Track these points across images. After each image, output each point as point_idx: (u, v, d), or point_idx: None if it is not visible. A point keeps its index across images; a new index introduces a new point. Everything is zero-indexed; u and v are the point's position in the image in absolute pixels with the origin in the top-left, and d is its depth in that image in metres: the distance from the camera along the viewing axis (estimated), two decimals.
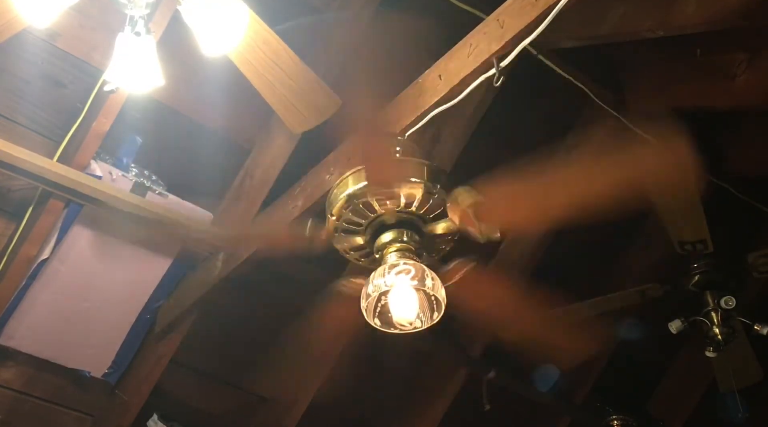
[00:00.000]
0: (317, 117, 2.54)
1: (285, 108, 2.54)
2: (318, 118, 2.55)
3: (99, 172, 2.93)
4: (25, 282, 3.09)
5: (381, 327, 2.10)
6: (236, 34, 2.24)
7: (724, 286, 3.33)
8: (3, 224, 3.09)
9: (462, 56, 2.29)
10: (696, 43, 3.08)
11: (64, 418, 3.45)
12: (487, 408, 3.97)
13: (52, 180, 2.87)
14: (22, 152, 2.81)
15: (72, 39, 2.87)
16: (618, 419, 4.20)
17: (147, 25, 2.27)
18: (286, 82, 2.43)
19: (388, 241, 2.13)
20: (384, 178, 2.09)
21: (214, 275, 3.14)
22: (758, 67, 2.97)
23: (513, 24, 2.14)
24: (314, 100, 2.49)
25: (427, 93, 2.39)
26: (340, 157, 2.63)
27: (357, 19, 3.04)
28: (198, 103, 3.13)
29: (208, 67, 2.77)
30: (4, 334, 3.17)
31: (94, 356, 3.34)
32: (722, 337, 3.25)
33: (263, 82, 2.43)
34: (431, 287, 2.03)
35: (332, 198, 2.16)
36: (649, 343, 3.99)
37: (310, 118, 2.55)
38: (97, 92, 2.87)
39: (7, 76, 2.87)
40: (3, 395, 3.31)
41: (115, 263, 3.19)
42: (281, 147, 3.17)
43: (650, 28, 2.70)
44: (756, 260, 3.24)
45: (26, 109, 2.95)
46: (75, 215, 3.03)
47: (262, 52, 2.34)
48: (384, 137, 2.25)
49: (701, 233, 3.11)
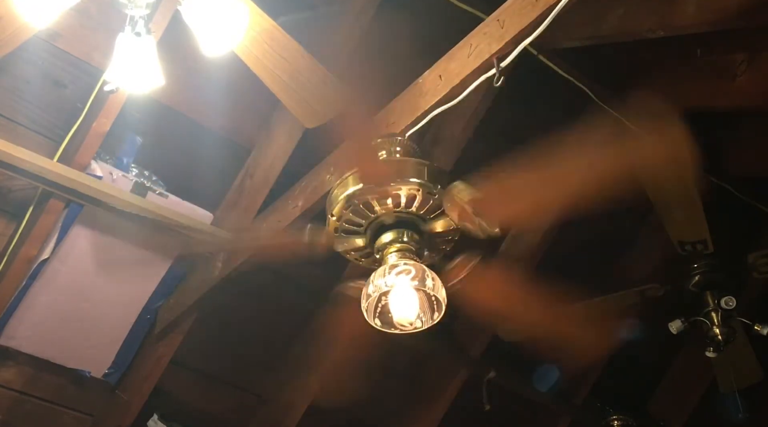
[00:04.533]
0: (329, 110, 2.52)
1: (296, 103, 2.52)
2: (330, 111, 2.52)
3: (99, 172, 2.93)
4: (25, 282, 3.09)
5: (381, 327, 2.10)
6: (236, 35, 2.23)
7: (724, 286, 3.32)
8: (3, 224, 3.09)
9: (462, 56, 2.29)
10: (696, 43, 3.08)
11: (64, 418, 3.45)
12: (487, 408, 3.97)
13: (52, 180, 2.86)
14: (22, 152, 2.81)
15: (72, 39, 2.87)
16: (618, 419, 4.20)
17: (147, 25, 2.27)
18: (295, 77, 2.41)
19: (388, 241, 2.13)
20: (377, 179, 2.08)
21: (214, 275, 3.14)
22: (758, 67, 2.97)
23: (513, 24, 2.14)
24: (325, 93, 2.47)
25: (427, 93, 2.39)
26: (340, 158, 2.63)
27: (357, 20, 3.04)
28: (198, 103, 3.13)
29: (208, 67, 2.77)
30: (5, 334, 3.17)
31: (95, 356, 3.34)
32: (722, 337, 3.25)
33: (272, 78, 2.41)
34: (431, 288, 2.03)
35: (332, 198, 2.16)
36: (649, 343, 3.99)
37: (322, 111, 2.52)
38: (97, 92, 2.87)
39: (7, 76, 2.87)
40: (3, 395, 3.31)
41: (116, 263, 3.19)
42: (281, 147, 3.17)
43: (650, 28, 2.70)
44: (756, 260, 3.24)
45: (26, 109, 2.95)
46: (75, 215, 3.03)
47: (269, 47, 2.32)
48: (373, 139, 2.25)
49: (701, 233, 3.11)
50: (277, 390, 3.79)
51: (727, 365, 3.57)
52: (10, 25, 2.25)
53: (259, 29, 2.27)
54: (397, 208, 2.11)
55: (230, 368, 3.72)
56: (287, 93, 2.47)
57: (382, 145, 2.26)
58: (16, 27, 2.27)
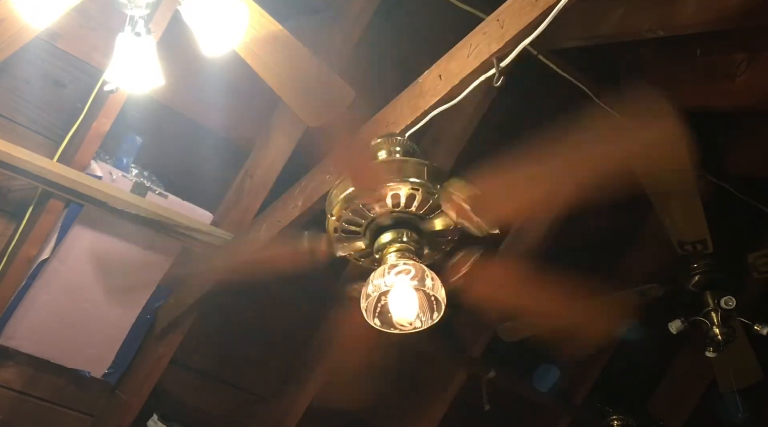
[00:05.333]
0: (332, 109, 2.51)
1: (299, 102, 2.51)
2: (333, 110, 2.52)
3: (99, 173, 2.93)
4: (25, 282, 3.09)
5: (381, 327, 2.09)
6: (236, 35, 2.23)
7: (724, 286, 3.32)
8: (3, 224, 3.09)
9: (462, 56, 2.29)
10: (696, 43, 3.08)
11: (64, 418, 3.45)
12: (487, 408, 3.97)
13: (52, 180, 2.86)
14: (22, 152, 2.81)
15: (72, 39, 2.87)
16: (618, 419, 4.20)
17: (147, 25, 2.27)
18: (297, 76, 2.40)
19: (387, 241, 2.13)
20: (371, 183, 2.08)
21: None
22: (758, 67, 2.97)
23: (513, 24, 2.14)
24: (328, 92, 2.46)
25: (427, 93, 2.38)
26: (333, 162, 2.62)
27: (358, 20, 3.04)
28: (198, 103, 3.13)
29: (208, 67, 2.77)
30: (4, 334, 3.17)
31: (94, 356, 3.34)
32: (722, 337, 3.25)
33: (274, 77, 2.40)
34: (431, 287, 2.03)
35: (332, 198, 2.16)
36: (649, 343, 3.99)
37: (325, 111, 2.51)
38: (97, 92, 2.87)
39: (7, 76, 2.87)
40: (3, 395, 3.31)
41: (115, 263, 3.19)
42: (281, 147, 3.17)
43: (650, 28, 2.70)
44: (756, 260, 3.24)
45: (26, 109, 2.95)
46: (75, 215, 3.03)
47: (271, 46, 2.32)
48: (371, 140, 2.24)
49: (701, 233, 3.11)
50: (277, 390, 3.79)
51: (727, 365, 3.57)
52: (12, 26, 2.25)
53: (261, 29, 2.27)
54: (396, 208, 2.11)
55: (230, 367, 3.72)
56: (290, 92, 2.46)
57: (382, 145, 2.26)
58: (18, 29, 2.26)
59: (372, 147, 2.27)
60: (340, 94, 2.46)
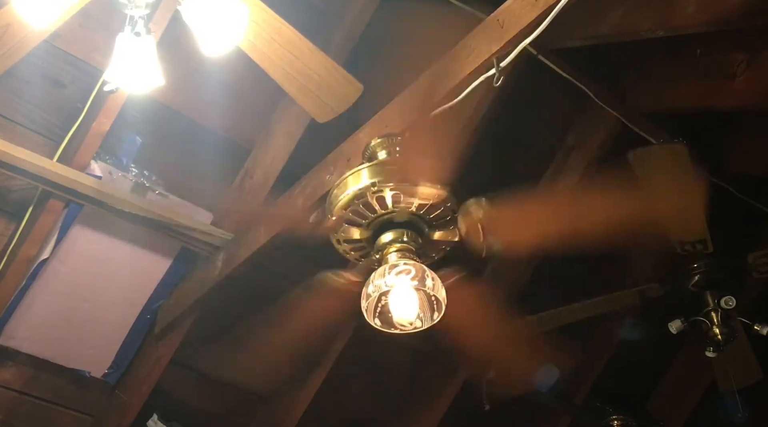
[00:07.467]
0: (340, 105, 2.51)
1: (306, 98, 2.51)
2: (341, 105, 2.51)
3: (99, 173, 2.93)
4: (25, 282, 3.09)
5: (381, 327, 2.10)
6: (236, 35, 2.23)
7: (724, 286, 3.32)
8: (3, 224, 3.09)
9: (462, 56, 2.29)
10: (696, 43, 3.08)
11: (63, 418, 3.45)
12: (487, 408, 3.97)
13: (52, 180, 2.86)
14: (22, 152, 2.81)
15: (72, 39, 2.87)
16: (618, 419, 4.20)
17: (147, 25, 2.27)
18: (304, 72, 2.40)
19: (388, 241, 2.13)
20: (419, 177, 2.08)
21: (214, 275, 3.14)
22: (758, 67, 2.97)
23: (513, 24, 2.14)
24: (335, 87, 2.46)
25: (427, 93, 2.38)
26: (339, 158, 2.63)
27: (358, 20, 3.04)
28: (198, 103, 3.13)
29: (208, 67, 2.77)
30: (4, 334, 3.17)
31: (94, 356, 3.34)
32: (722, 337, 3.25)
33: (281, 73, 2.40)
34: (431, 287, 2.03)
35: (332, 198, 2.16)
36: (649, 343, 3.99)
37: (333, 106, 2.51)
38: (97, 92, 2.87)
39: (7, 76, 2.86)
40: (3, 395, 3.31)
41: (115, 263, 3.19)
42: (281, 147, 3.17)
43: (650, 28, 2.70)
44: (756, 260, 3.24)
45: (26, 109, 2.95)
46: (75, 215, 3.03)
47: (276, 43, 2.31)
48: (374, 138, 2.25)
49: (701, 233, 3.11)
50: (277, 390, 3.79)
51: (727, 365, 3.57)
52: (19, 32, 2.25)
53: (264, 25, 2.27)
54: (412, 209, 2.11)
55: (230, 368, 3.71)
56: (297, 88, 2.46)
57: (382, 145, 2.26)
58: (24, 35, 2.26)
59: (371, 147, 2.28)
60: (347, 88, 2.46)
